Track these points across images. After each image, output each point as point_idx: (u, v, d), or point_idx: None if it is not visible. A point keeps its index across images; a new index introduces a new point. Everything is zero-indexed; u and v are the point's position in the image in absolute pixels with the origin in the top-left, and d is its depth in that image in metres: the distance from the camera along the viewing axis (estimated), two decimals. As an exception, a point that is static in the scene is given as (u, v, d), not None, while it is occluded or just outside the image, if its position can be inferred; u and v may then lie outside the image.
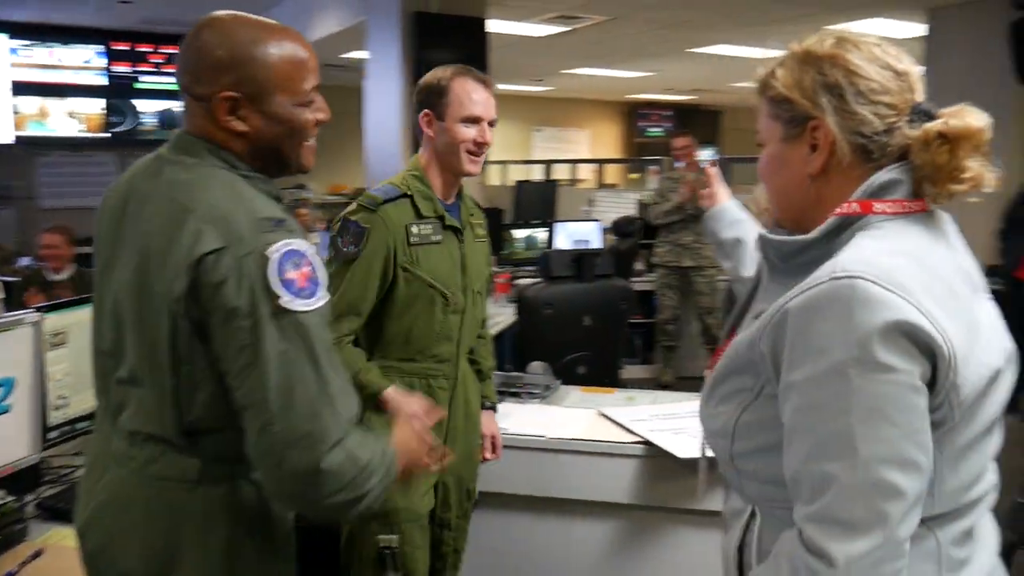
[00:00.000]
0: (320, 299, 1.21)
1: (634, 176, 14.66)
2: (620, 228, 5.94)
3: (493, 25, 6.45)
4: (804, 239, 1.05)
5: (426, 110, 2.00)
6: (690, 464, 2.12)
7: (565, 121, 15.44)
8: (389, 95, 6.12)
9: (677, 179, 5.60)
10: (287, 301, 1.17)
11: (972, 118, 1.01)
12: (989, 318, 1.04)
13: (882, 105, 1.04)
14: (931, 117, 1.04)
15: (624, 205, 7.88)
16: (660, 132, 16.43)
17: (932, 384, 0.93)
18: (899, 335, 0.90)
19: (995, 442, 1.05)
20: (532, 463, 2.29)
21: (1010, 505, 2.63)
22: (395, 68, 6.04)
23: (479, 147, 1.98)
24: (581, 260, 3.66)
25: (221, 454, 1.28)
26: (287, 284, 1.17)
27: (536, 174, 12.67)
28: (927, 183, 1.03)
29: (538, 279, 3.82)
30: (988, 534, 1.09)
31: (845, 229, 1.03)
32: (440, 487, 2.06)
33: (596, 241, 6.01)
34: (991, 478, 1.07)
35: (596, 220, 6.15)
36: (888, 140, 1.04)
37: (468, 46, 6.28)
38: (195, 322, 1.21)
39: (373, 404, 1.84)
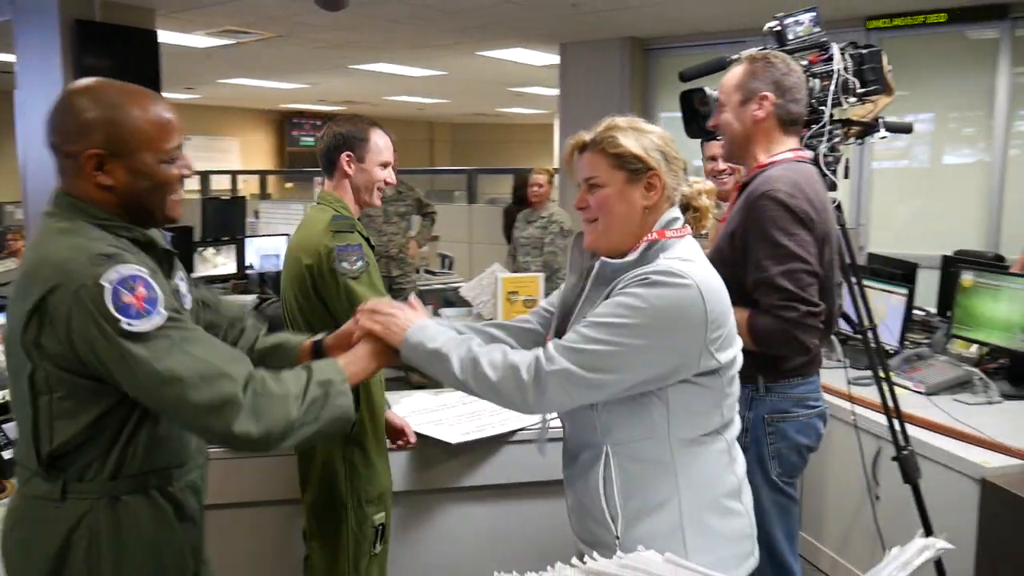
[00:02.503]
0: (158, 316, 1.37)
1: (289, 186, 14.67)
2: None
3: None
4: (630, 260, 1.53)
5: (348, 152, 2.30)
6: (456, 448, 2.51)
7: (215, 129, 14.93)
8: (50, 103, 5.67)
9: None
10: (128, 324, 1.34)
11: (710, 183, 1.61)
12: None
13: (680, 166, 1.59)
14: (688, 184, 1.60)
15: (293, 217, 7.97)
16: (313, 142, 16.59)
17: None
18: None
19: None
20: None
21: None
22: (56, 76, 5.62)
23: (387, 185, 2.37)
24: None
25: (82, 475, 1.45)
26: (124, 309, 1.34)
27: (188, 184, 12.14)
28: (694, 220, 1.57)
29: (274, 298, 3.85)
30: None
31: (650, 250, 1.53)
32: None
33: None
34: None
35: (285, 235, 6.24)
36: (677, 191, 1.60)
37: (136, 56, 6.05)
38: (55, 356, 1.37)
39: None
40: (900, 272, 3.83)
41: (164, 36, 6.58)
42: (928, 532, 2.33)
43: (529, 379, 1.48)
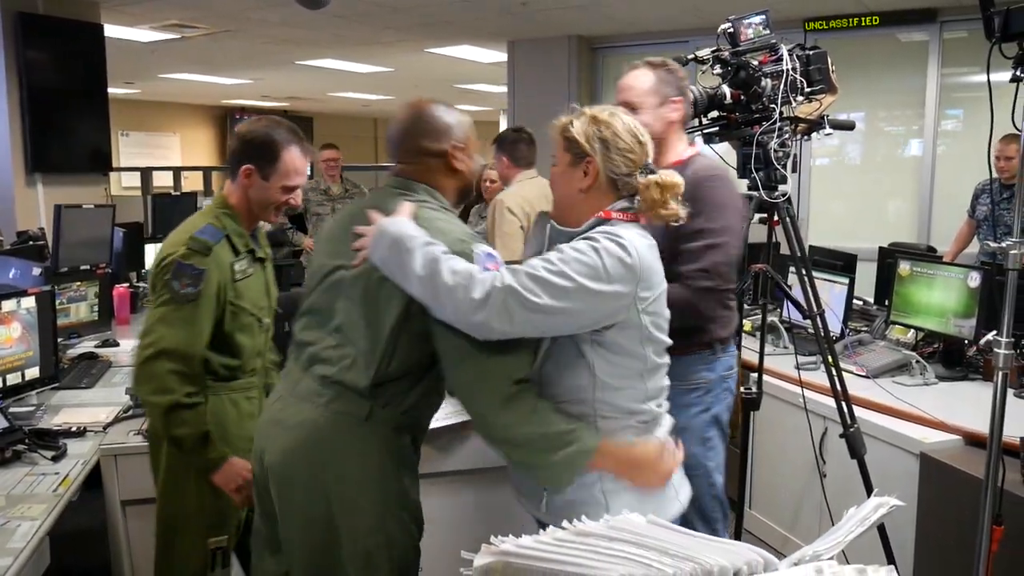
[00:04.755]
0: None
1: (231, 182, 14.42)
2: (274, 238, 6.08)
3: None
4: (579, 230, 1.69)
5: (249, 165, 2.10)
6: (427, 435, 2.57)
7: (155, 125, 14.64)
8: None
9: (325, 190, 5.91)
10: None
11: (675, 177, 1.69)
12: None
13: (627, 158, 1.70)
14: (653, 171, 1.68)
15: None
16: (255, 138, 16.36)
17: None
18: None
19: None
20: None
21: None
22: (-2, 70, 5.51)
23: (288, 206, 2.19)
24: (280, 271, 3.84)
25: (387, 403, 1.72)
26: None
27: (128, 181, 11.91)
28: (647, 210, 1.69)
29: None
30: None
31: (596, 226, 1.68)
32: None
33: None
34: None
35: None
36: (628, 180, 1.71)
37: (81, 51, 5.97)
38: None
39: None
40: (840, 263, 4.02)
41: (106, 30, 6.48)
42: (873, 504, 2.49)
43: (480, 295, 1.53)
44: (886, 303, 3.65)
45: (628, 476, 1.66)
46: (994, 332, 1.94)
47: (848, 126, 2.71)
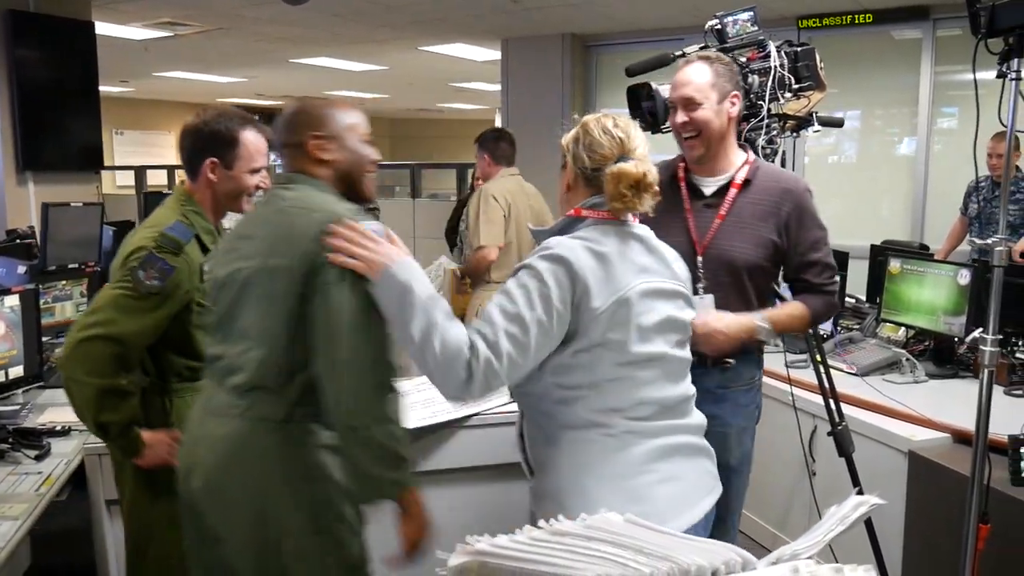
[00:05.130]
0: None
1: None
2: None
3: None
4: (548, 230, 1.71)
5: (213, 158, 2.08)
6: (412, 434, 2.56)
7: (150, 124, 14.60)
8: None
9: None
10: None
11: (630, 166, 1.63)
12: (646, 287, 1.65)
13: (594, 152, 1.67)
14: (623, 162, 1.66)
15: (234, 211, 7.86)
16: (251, 136, 16.32)
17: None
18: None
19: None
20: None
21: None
22: (-11, 68, 5.47)
23: (259, 190, 2.14)
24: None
25: (304, 399, 1.66)
26: None
27: (123, 179, 11.88)
28: (608, 202, 1.66)
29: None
30: None
31: (569, 226, 1.68)
32: None
33: (229, 250, 6.02)
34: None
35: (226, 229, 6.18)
36: (596, 175, 1.68)
37: (73, 49, 5.94)
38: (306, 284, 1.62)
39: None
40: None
41: (99, 28, 6.46)
42: (861, 502, 2.48)
43: (465, 375, 1.53)
44: (877, 301, 3.64)
45: (404, 526, 1.70)
46: (980, 329, 1.93)
47: (836, 123, 2.71)
